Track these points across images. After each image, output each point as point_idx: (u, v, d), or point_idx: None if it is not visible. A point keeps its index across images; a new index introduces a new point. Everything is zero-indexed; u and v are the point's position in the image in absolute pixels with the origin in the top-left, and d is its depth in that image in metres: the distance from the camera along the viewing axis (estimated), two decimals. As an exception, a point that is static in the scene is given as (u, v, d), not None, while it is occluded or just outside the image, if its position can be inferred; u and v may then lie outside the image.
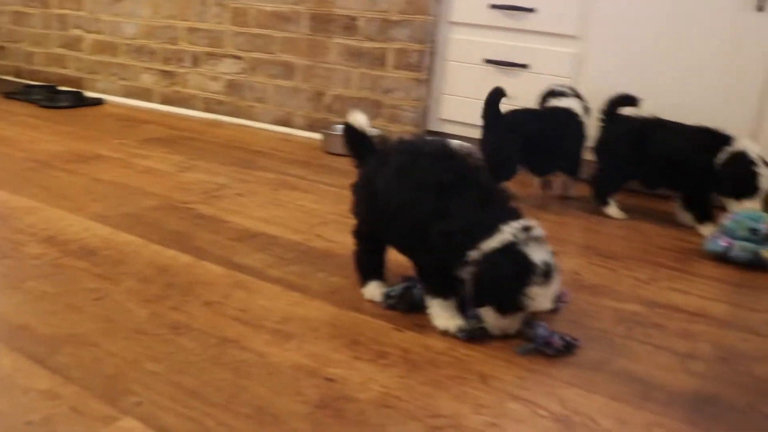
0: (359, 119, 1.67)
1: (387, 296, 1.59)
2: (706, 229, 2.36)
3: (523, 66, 2.97)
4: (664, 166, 2.45)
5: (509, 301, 1.42)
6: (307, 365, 1.31)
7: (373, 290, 1.63)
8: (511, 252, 1.39)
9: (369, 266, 1.67)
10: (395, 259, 1.63)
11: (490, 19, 3.02)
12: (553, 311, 1.59)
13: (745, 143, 2.31)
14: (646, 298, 1.80)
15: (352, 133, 1.68)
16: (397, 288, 1.59)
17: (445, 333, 1.47)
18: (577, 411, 1.24)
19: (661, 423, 1.23)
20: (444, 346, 1.43)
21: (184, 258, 1.80)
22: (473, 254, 1.40)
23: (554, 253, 1.45)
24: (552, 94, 2.68)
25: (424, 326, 1.50)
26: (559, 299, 1.66)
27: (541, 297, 1.40)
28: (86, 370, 1.23)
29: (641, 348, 1.51)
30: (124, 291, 1.57)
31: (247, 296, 1.60)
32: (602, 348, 1.50)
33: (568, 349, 1.45)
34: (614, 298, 1.78)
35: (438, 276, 1.50)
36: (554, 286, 1.43)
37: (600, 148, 2.60)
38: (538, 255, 1.40)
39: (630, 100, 2.56)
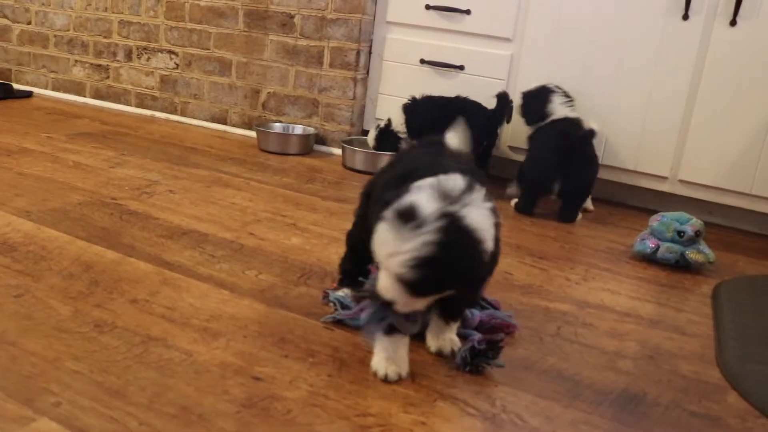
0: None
1: (333, 302, 1.52)
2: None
3: (459, 67, 2.98)
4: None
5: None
6: (234, 364, 1.29)
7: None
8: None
9: (347, 271, 1.56)
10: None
11: (426, 20, 3.03)
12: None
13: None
14: (577, 298, 1.82)
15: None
16: (350, 310, 1.49)
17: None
18: (506, 409, 1.25)
19: (589, 421, 1.24)
20: (375, 344, 1.42)
21: (111, 255, 1.75)
22: None
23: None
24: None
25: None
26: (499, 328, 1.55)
27: (385, 243, 1.14)
28: (1, 370, 1.18)
29: (571, 347, 1.53)
30: (46, 288, 1.52)
31: (175, 294, 1.56)
32: (532, 347, 1.50)
33: (478, 361, 1.35)
34: (545, 298, 1.80)
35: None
36: (413, 241, 1.11)
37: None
38: (413, 197, 1.15)
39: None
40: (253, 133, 3.37)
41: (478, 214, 1.17)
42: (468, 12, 2.93)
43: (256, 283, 1.67)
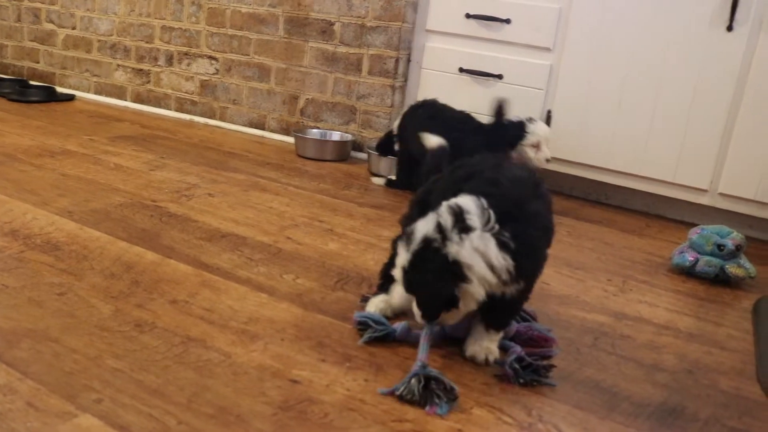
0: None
1: (362, 322, 1.50)
2: None
3: (498, 76, 2.97)
4: None
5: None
6: (271, 366, 1.30)
7: (377, 302, 1.56)
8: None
9: (389, 275, 1.54)
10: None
11: (465, 29, 3.03)
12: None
13: None
14: (614, 310, 1.81)
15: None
16: (383, 325, 1.48)
17: None
18: (542, 419, 1.24)
19: (626, 433, 1.23)
20: (411, 350, 1.42)
21: (151, 256, 1.77)
22: None
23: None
24: None
25: (392, 331, 1.49)
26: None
27: (400, 255, 1.33)
28: (45, 366, 1.20)
29: (608, 359, 1.52)
30: (88, 287, 1.54)
31: (213, 296, 1.58)
32: (569, 357, 1.49)
33: (519, 376, 1.36)
34: (582, 309, 1.79)
35: None
36: (407, 254, 1.31)
37: None
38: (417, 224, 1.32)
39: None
40: (290, 139, 3.39)
41: (468, 247, 1.28)
42: (508, 21, 2.93)
43: (294, 287, 1.68)
